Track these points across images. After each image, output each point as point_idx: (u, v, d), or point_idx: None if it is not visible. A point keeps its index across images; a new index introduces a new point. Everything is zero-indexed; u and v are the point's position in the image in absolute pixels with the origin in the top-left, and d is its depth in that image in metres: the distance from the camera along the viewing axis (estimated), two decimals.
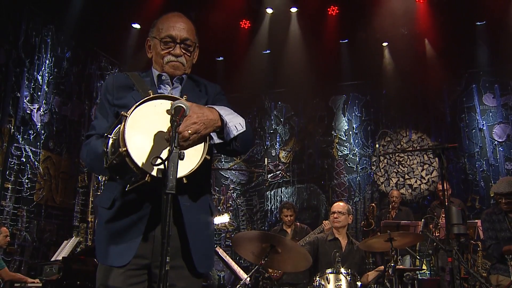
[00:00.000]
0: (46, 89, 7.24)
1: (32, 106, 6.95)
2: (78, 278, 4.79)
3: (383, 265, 4.34)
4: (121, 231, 1.75)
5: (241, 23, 8.80)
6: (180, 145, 1.52)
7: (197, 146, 1.67)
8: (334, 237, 4.57)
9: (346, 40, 9.08)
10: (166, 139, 1.60)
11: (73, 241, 5.99)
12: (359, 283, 3.90)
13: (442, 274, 6.04)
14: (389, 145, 9.07)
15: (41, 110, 7.11)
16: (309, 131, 9.70)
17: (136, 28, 8.42)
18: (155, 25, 1.98)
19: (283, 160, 9.72)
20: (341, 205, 4.67)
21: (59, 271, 5.02)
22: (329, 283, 3.84)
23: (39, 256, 6.88)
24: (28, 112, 6.88)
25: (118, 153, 1.53)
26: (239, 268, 5.11)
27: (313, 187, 9.39)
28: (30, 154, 6.85)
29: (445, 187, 3.52)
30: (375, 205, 7.31)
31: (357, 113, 9.44)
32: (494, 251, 4.25)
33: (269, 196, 9.58)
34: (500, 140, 8.41)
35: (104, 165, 1.63)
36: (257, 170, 9.20)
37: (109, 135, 1.64)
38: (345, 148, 9.35)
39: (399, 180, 8.82)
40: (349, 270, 3.90)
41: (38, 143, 7.02)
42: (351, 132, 9.38)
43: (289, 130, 9.86)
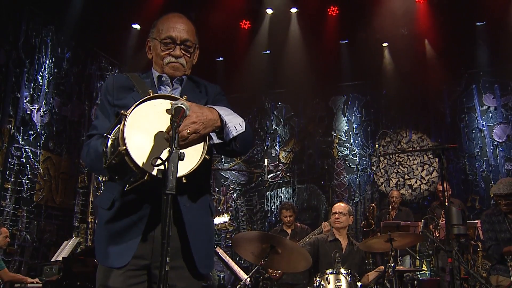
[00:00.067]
0: (46, 90, 7.24)
1: (32, 106, 6.95)
2: (78, 279, 4.79)
3: (383, 265, 4.33)
4: (120, 231, 1.75)
5: (241, 23, 8.80)
6: (178, 144, 1.52)
7: (196, 146, 1.67)
8: (334, 237, 4.56)
9: (346, 41, 9.09)
10: (166, 139, 1.59)
11: (73, 241, 5.99)
12: (359, 284, 3.90)
13: (442, 274, 6.03)
14: (389, 146, 9.07)
15: (41, 111, 7.11)
16: (309, 132, 9.70)
17: (136, 28, 8.42)
18: (155, 26, 1.98)
19: (283, 160, 9.71)
20: (342, 205, 4.66)
21: (59, 272, 5.03)
22: (329, 284, 3.84)
23: (39, 256, 6.87)
24: (28, 112, 6.88)
25: (118, 152, 1.53)
26: (239, 268, 5.10)
27: (313, 187, 9.39)
28: (30, 154, 6.85)
29: (445, 187, 3.51)
30: (375, 205, 7.32)
31: (357, 113, 9.44)
32: (494, 252, 4.25)
33: (269, 197, 9.57)
34: (500, 141, 8.41)
35: (103, 165, 1.63)
36: (257, 170, 9.20)
37: (109, 135, 1.63)
38: (345, 149, 9.35)
39: (399, 180, 8.81)
40: (349, 270, 3.90)
41: (38, 143, 7.02)
42: (351, 133, 9.38)
43: (289, 131, 9.86)
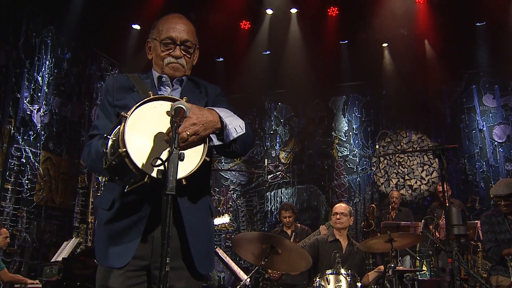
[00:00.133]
0: (46, 90, 7.24)
1: (32, 107, 6.95)
2: (78, 279, 4.79)
3: (383, 265, 4.33)
4: (120, 232, 1.75)
5: (241, 24, 8.80)
6: (178, 144, 1.51)
7: (196, 148, 1.66)
8: (334, 238, 4.56)
9: (346, 41, 9.09)
10: (166, 141, 1.59)
11: (73, 242, 5.99)
12: (359, 284, 3.90)
13: (443, 275, 6.03)
14: (389, 146, 9.07)
15: (41, 111, 7.11)
16: (309, 132, 9.70)
17: (136, 29, 8.42)
18: (155, 26, 1.98)
19: (283, 161, 9.71)
20: (343, 206, 4.65)
21: (59, 272, 5.03)
22: (329, 284, 3.83)
23: (39, 257, 6.87)
24: (28, 113, 6.88)
25: (118, 153, 1.53)
26: (239, 269, 5.09)
27: (313, 188, 9.39)
28: (30, 155, 6.85)
29: (445, 188, 3.51)
30: (375, 206, 7.32)
31: (357, 113, 9.43)
32: (494, 254, 4.24)
33: (269, 197, 9.57)
34: (500, 141, 8.41)
35: (103, 166, 1.63)
36: (257, 171, 9.20)
37: (109, 136, 1.63)
38: (345, 149, 9.35)
39: (399, 181, 8.81)
40: (349, 271, 3.90)
41: (38, 144, 7.02)
42: (351, 133, 9.38)
43: (289, 131, 9.86)
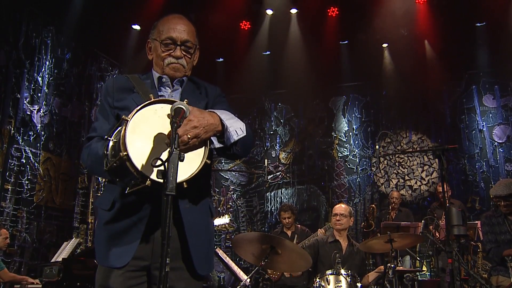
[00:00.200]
0: (46, 90, 7.24)
1: (32, 107, 6.95)
2: (78, 280, 4.79)
3: (383, 266, 4.33)
4: (120, 232, 1.75)
5: (241, 24, 8.80)
6: (179, 149, 1.51)
7: (197, 150, 1.66)
8: (334, 238, 4.56)
9: (346, 42, 9.09)
10: (167, 144, 1.59)
11: (73, 242, 5.98)
12: (359, 284, 3.90)
13: (443, 275, 6.03)
14: (389, 146, 9.07)
15: (41, 111, 7.11)
16: (309, 132, 9.70)
17: (136, 29, 8.42)
18: (155, 27, 1.97)
19: (283, 161, 9.71)
20: (343, 207, 4.64)
21: (59, 273, 5.01)
22: (329, 284, 3.84)
23: (39, 257, 6.87)
24: (28, 113, 6.88)
25: (119, 157, 1.53)
26: (239, 269, 5.09)
27: (313, 188, 9.39)
28: (30, 155, 6.85)
29: (445, 188, 3.52)
30: (375, 206, 7.33)
31: (357, 114, 9.44)
32: (494, 255, 4.24)
33: (269, 197, 9.57)
34: (500, 141, 8.41)
35: (104, 168, 1.63)
36: (257, 171, 9.20)
37: (109, 138, 1.63)
38: (345, 149, 9.35)
39: (399, 181, 8.81)
40: (349, 271, 3.90)
41: (38, 144, 7.02)
42: (351, 133, 9.38)
43: (289, 131, 9.86)
